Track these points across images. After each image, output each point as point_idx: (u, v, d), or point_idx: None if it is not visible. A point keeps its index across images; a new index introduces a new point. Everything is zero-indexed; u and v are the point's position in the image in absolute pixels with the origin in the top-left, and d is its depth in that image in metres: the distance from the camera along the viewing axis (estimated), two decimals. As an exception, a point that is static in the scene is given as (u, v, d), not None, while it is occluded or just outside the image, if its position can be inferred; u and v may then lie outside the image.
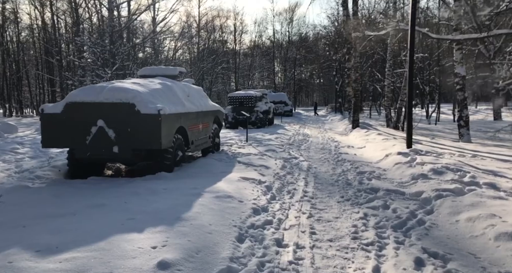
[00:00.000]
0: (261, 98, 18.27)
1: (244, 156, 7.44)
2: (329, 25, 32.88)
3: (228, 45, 46.36)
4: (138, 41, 23.82)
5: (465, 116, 11.28)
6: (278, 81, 51.60)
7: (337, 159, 7.69)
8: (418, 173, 5.16)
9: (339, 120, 22.33)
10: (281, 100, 30.15)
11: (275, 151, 8.56)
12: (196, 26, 36.77)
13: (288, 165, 6.89)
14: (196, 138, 6.94)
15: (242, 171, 5.90)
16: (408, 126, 7.44)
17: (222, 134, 13.26)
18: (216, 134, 8.43)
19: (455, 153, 7.58)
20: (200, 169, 5.92)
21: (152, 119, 5.22)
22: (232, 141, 10.48)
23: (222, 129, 16.15)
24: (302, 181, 5.54)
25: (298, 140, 11.91)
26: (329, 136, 13.45)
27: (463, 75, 11.31)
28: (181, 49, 36.93)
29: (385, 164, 6.52)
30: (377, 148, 8.59)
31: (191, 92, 7.20)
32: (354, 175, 5.83)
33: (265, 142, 10.39)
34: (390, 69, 16.23)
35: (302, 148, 9.71)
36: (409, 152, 6.84)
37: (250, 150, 8.56)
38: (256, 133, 13.20)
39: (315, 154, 8.68)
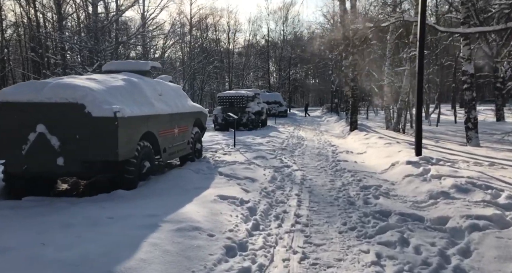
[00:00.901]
0: (253, 98, 17.25)
1: (228, 165, 6.41)
2: (325, 23, 31.95)
3: (222, 44, 45.33)
4: (124, 39, 22.65)
5: (473, 118, 10.35)
6: (273, 81, 50.64)
7: (335, 168, 6.69)
8: (437, 190, 4.16)
9: (336, 121, 21.38)
10: (275, 100, 29.17)
11: (265, 158, 7.55)
12: (188, 24, 35.66)
13: (279, 176, 5.87)
14: (170, 144, 5.90)
15: (222, 186, 4.87)
16: (417, 132, 6.47)
17: (209, 137, 12.22)
18: (198, 139, 7.39)
19: (468, 160, 6.64)
20: (170, 183, 4.87)
21: (107, 124, 4.18)
22: (218, 146, 9.44)
23: (210, 131, 15.17)
24: (295, 199, 4.53)
25: (292, 144, 10.91)
26: (325, 139, 12.47)
27: (471, 73, 10.39)
28: (174, 48, 35.79)
29: (393, 176, 5.53)
30: (380, 154, 7.61)
31: (165, 91, 6.15)
32: (357, 191, 4.83)
33: (255, 146, 9.36)
34: (389, 68, 15.31)
35: (296, 154, 8.71)
36: (420, 161, 5.86)
37: (237, 157, 7.53)
38: (247, 136, 12.17)
39: (311, 161, 7.68)
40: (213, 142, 10.35)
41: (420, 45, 6.42)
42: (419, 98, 6.50)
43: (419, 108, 6.51)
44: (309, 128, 17.84)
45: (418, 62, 6.43)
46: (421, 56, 6.43)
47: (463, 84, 10.62)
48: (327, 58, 25.99)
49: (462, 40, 10.53)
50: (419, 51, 6.43)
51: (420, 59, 6.45)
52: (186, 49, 35.82)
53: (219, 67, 43.30)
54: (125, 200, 3.92)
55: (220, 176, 5.44)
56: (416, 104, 6.56)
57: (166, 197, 4.17)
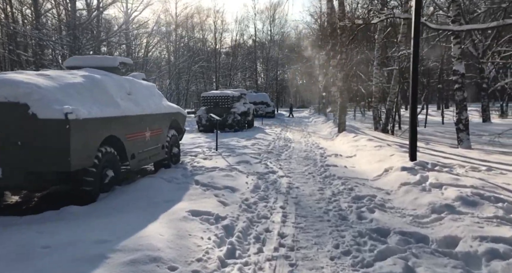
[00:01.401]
0: (239, 98, 16.66)
1: (207, 172, 5.80)
2: (312, 23, 31.64)
3: (208, 43, 44.56)
4: (103, 37, 21.70)
5: (464, 119, 10.02)
6: (261, 81, 50.16)
7: (324, 173, 6.16)
8: (440, 203, 3.66)
9: (323, 122, 21.00)
10: (263, 101, 28.64)
11: (249, 163, 6.97)
12: (174, 23, 34.78)
13: (263, 184, 5.29)
14: (140, 149, 5.25)
15: (197, 198, 4.26)
16: (412, 135, 6.00)
17: (191, 139, 11.56)
18: (174, 143, 6.75)
19: (464, 164, 6.23)
20: (136, 195, 4.23)
21: (56, 127, 3.52)
22: (199, 149, 8.80)
23: (193, 133, 14.49)
24: (279, 214, 3.95)
25: (278, 146, 10.36)
26: (313, 141, 11.98)
27: (462, 72, 10.06)
28: (159, 47, 34.84)
29: (387, 184, 5.03)
30: (372, 158, 7.13)
31: (136, 90, 5.50)
32: (349, 202, 4.30)
33: (239, 150, 8.77)
34: (378, 67, 14.96)
35: (282, 158, 8.16)
36: (415, 167, 5.39)
37: (218, 162, 6.92)
38: (231, 138, 11.57)
39: (298, 166, 7.13)
40: (194, 145, 9.71)
41: (415, 42, 5.96)
42: (414, 99, 6.03)
43: (414, 110, 6.05)
44: (297, 129, 17.36)
45: (413, 60, 5.97)
46: (415, 54, 5.96)
47: (454, 84, 10.29)
48: (315, 58, 25.65)
49: (453, 39, 10.21)
50: (413, 49, 5.96)
51: (414, 58, 5.98)
52: (171, 48, 34.95)
53: (206, 67, 42.53)
54: (76, 219, 3.27)
55: (196, 186, 4.83)
56: (411, 106, 6.09)
57: (127, 214, 3.53)
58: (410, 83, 5.97)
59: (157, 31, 27.31)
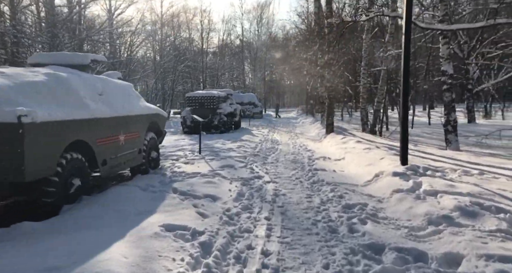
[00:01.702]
0: (225, 98, 16.26)
1: (187, 179, 5.40)
2: (299, 22, 31.49)
3: (195, 43, 43.93)
4: (84, 34, 20.92)
5: (453, 120, 9.91)
6: (249, 82, 49.83)
7: (312, 178, 5.85)
8: (437, 214, 3.38)
9: (311, 123, 20.80)
10: (250, 101, 28.31)
11: (234, 168, 6.60)
12: (159, 22, 34.03)
13: (248, 192, 4.93)
14: (114, 155, 4.82)
15: (173, 209, 3.87)
16: (403, 139, 5.74)
17: (174, 141, 11.12)
18: (153, 147, 6.32)
19: (455, 168, 6.03)
20: (105, 207, 3.81)
21: (7, 132, 3.08)
22: (181, 152, 8.38)
23: (177, 135, 14.01)
24: (264, 226, 3.60)
25: (265, 149, 10.02)
26: (300, 143, 11.69)
27: (450, 73, 9.94)
28: (145, 46, 34.00)
29: (378, 190, 4.74)
30: (361, 161, 6.87)
31: (109, 90, 5.06)
32: (339, 211, 3.99)
33: (223, 153, 8.39)
34: (365, 68, 14.82)
35: (269, 161, 7.82)
36: (407, 172, 5.13)
37: (200, 166, 6.53)
38: (216, 141, 11.17)
39: (285, 170, 6.81)
40: (176, 148, 9.27)
41: (406, 41, 5.70)
42: (405, 101, 5.77)
43: (405, 112, 5.79)
44: (284, 131, 17.08)
45: (404, 60, 5.71)
46: (407, 54, 5.71)
47: (442, 85, 10.16)
48: (302, 58, 25.47)
49: (441, 39, 10.09)
50: (404, 48, 5.70)
51: (405, 58, 5.73)
52: (156, 47, 34.18)
53: (192, 66, 41.87)
54: (27, 239, 2.84)
55: (174, 195, 4.43)
56: (401, 107, 5.83)
57: (91, 230, 3.11)
58: (401, 84, 5.72)
59: (141, 29, 26.55)
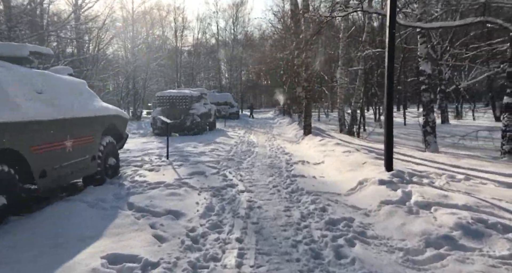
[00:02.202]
0: (199, 98, 15.50)
1: (149, 190, 4.71)
2: (274, 21, 31.13)
3: (169, 41, 42.64)
4: (48, 29, 19.43)
5: (431, 121, 9.75)
6: (225, 82, 49.04)
7: (291, 186, 5.31)
8: (436, 233, 2.91)
9: (288, 124, 20.40)
10: (226, 101, 27.61)
11: (204, 175, 5.95)
12: (130, 18, 32.57)
13: (218, 204, 4.31)
14: (57, 164, 4.04)
15: (125, 232, 3.18)
16: (388, 143, 5.30)
17: (142, 144, 10.28)
18: (111, 152, 5.55)
19: (439, 172, 5.73)
20: (39, 231, 3.07)
21: None
22: (147, 157, 7.61)
23: (146, 137, 13.11)
24: (235, 251, 3.00)
25: (240, 152, 9.41)
26: (278, 145, 11.18)
27: (428, 73, 9.77)
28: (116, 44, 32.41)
29: (364, 201, 4.26)
30: (342, 166, 6.41)
31: (52, 87, 4.27)
32: (322, 228, 3.45)
33: (194, 157, 7.70)
34: (343, 67, 14.55)
35: (244, 166, 7.22)
36: (393, 179, 4.69)
37: (166, 174, 5.83)
38: (188, 143, 10.44)
39: (261, 176, 6.23)
40: (143, 152, 8.47)
41: (390, 37, 5.27)
42: (389, 102, 5.34)
43: (389, 114, 5.35)
44: (261, 132, 16.55)
45: (388, 59, 5.27)
46: (391, 52, 5.27)
47: (421, 85, 9.98)
48: (278, 58, 25.09)
49: (419, 37, 9.90)
50: (388, 45, 5.27)
51: (390, 56, 5.29)
52: (128, 45, 32.72)
53: (166, 65, 40.53)
54: None
55: (128, 212, 3.73)
56: (386, 109, 5.39)
57: (8, 266, 2.38)
58: (385, 84, 5.29)
59: (110, 25, 25.09)
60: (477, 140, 10.64)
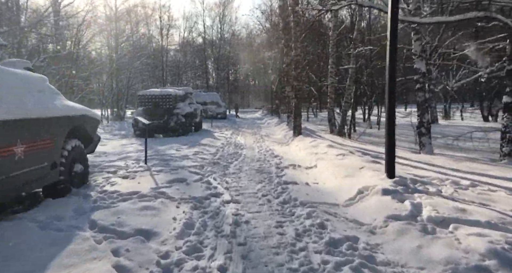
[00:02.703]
0: (183, 97, 14.79)
1: (119, 202, 4.05)
2: (263, 20, 30.59)
3: (155, 40, 41.58)
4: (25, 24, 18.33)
5: (426, 122, 9.35)
6: (212, 81, 48.21)
7: (282, 195, 4.74)
8: (465, 263, 2.38)
9: (277, 124, 19.88)
10: (213, 101, 26.89)
11: (186, 182, 5.32)
12: (114, 16, 31.43)
13: (199, 220, 3.70)
14: (3, 174, 3.35)
15: (78, 263, 2.54)
16: (390, 147, 4.80)
17: (121, 147, 9.54)
18: (78, 158, 4.86)
19: (442, 177, 5.29)
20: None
21: None
22: (123, 162, 6.90)
23: (127, 138, 12.29)
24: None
25: (227, 154, 8.79)
26: (267, 146, 10.61)
27: (423, 71, 9.38)
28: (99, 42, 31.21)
29: (366, 213, 3.72)
30: (337, 171, 5.88)
31: (1, 82, 3.57)
32: (321, 252, 2.89)
33: (176, 162, 7.05)
34: (333, 66, 14.10)
35: (230, 171, 6.61)
36: (397, 187, 4.18)
37: (142, 182, 5.18)
38: (170, 146, 9.75)
39: (249, 183, 5.64)
40: (120, 156, 7.76)
41: (392, 32, 4.75)
42: (391, 102, 4.82)
43: (391, 116, 4.83)
44: (249, 132, 15.95)
45: (389, 56, 4.74)
46: (393, 47, 4.75)
47: (415, 83, 9.59)
48: (267, 57, 24.57)
49: (413, 34, 9.50)
50: (390, 41, 4.74)
51: (391, 52, 4.77)
52: (112, 43, 31.58)
53: (152, 64, 39.46)
54: None
55: (88, 233, 3.08)
56: (387, 110, 4.87)
57: None
58: (386, 84, 4.78)
59: (91, 22, 23.94)
60: (472, 141, 10.34)
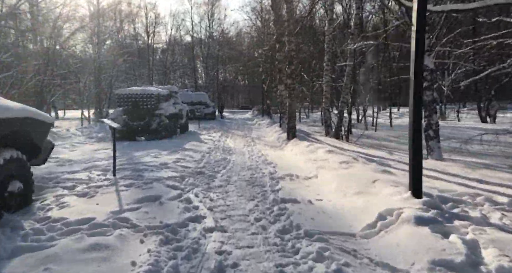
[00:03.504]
0: (168, 97, 13.64)
1: (59, 237, 2.97)
2: (254, 18, 29.57)
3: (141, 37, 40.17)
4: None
5: (434, 124, 8.47)
6: (202, 81, 46.96)
7: (281, 219, 3.72)
8: None
9: (268, 125, 18.88)
10: (201, 101, 25.69)
11: (159, 202, 4.26)
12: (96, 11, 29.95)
13: (169, 263, 2.64)
14: None
15: None
16: (415, 160, 3.79)
17: (91, 153, 8.35)
18: (16, 174, 3.74)
19: (471, 192, 4.43)
20: None
21: None
22: (87, 173, 5.76)
23: (105, 142, 11.03)
24: None
25: (214, 161, 7.73)
26: (258, 151, 9.59)
27: (431, 68, 8.51)
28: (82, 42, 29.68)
29: (400, 254, 2.73)
30: (345, 185, 4.89)
31: None
32: None
33: (151, 172, 5.95)
34: (328, 63, 13.18)
35: (216, 184, 5.56)
36: (430, 212, 3.21)
37: (102, 202, 4.09)
38: (149, 151, 8.63)
39: (238, 200, 4.60)
40: (86, 165, 6.62)
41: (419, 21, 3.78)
42: (417, 105, 3.83)
43: (417, 122, 3.83)
44: (239, 134, 14.91)
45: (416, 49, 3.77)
46: (420, 37, 3.78)
47: (423, 81, 8.72)
48: (257, 55, 23.57)
49: (420, 28, 8.64)
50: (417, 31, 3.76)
51: (418, 45, 3.81)
52: (95, 40, 30.09)
53: (138, 63, 38.03)
54: None
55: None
56: (413, 115, 3.87)
57: None
58: (411, 84, 3.81)
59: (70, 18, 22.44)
60: (481, 144, 9.53)
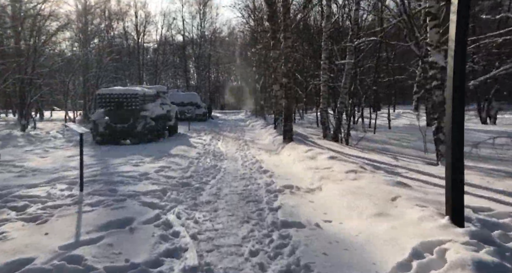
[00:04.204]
0: (154, 97, 12.71)
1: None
2: (247, 16, 28.73)
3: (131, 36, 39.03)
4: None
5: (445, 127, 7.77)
6: (194, 81, 45.93)
7: (283, 254, 2.89)
8: None
9: (262, 127, 18.03)
10: (192, 101, 24.67)
11: (130, 227, 3.39)
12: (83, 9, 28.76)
13: None
14: None
15: None
16: (456, 182, 2.96)
17: (65, 160, 7.34)
18: None
19: (508, 212, 3.61)
20: None
21: None
22: (45, 189, 4.82)
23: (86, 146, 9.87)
24: None
25: (202, 170, 6.85)
26: (252, 156, 8.73)
27: (441, 65, 7.75)
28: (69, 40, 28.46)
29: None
30: (357, 203, 4.06)
31: None
32: None
33: (128, 185, 5.05)
34: (326, 62, 12.40)
35: (203, 199, 4.68)
36: (491, 253, 2.40)
37: (52, 231, 3.19)
38: (130, 158, 7.69)
39: (229, 223, 3.73)
40: (52, 176, 5.66)
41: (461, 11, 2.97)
42: (458, 106, 3.02)
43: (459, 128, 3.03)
44: (231, 137, 14.03)
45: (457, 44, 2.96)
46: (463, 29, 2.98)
47: (431, 80, 7.98)
48: (250, 54, 22.75)
49: (429, 20, 7.87)
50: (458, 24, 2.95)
51: (460, 37, 3.01)
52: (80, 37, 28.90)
53: (127, 62, 36.89)
54: None
55: None
56: (451, 119, 3.06)
57: None
58: (451, 84, 2.99)
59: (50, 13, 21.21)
60: (495, 149, 8.84)
